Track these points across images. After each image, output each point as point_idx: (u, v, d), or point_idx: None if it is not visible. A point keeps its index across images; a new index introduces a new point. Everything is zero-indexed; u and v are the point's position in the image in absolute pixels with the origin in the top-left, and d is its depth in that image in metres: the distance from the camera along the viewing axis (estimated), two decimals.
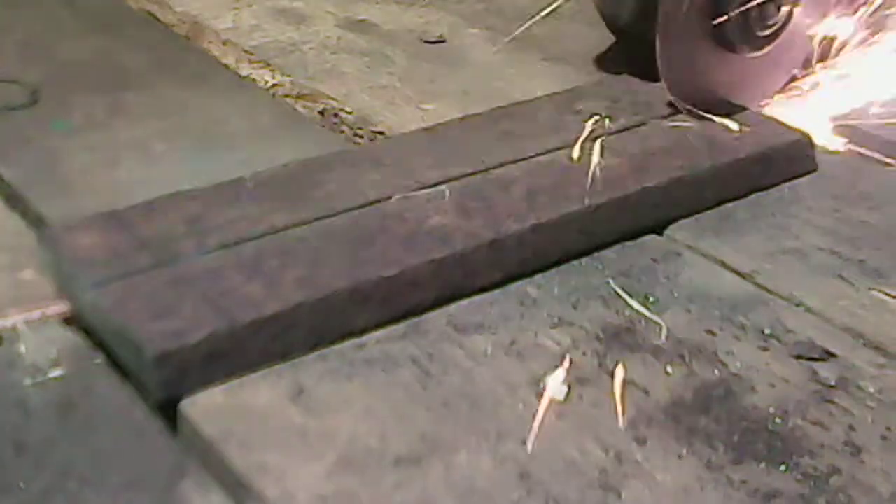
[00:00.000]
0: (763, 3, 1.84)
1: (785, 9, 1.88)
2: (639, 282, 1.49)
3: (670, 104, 1.84)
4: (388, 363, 1.30)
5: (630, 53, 2.00)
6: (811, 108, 1.99)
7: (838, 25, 1.99)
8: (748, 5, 1.81)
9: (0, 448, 1.15)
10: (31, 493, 1.10)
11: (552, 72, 2.16)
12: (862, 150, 1.87)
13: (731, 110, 1.85)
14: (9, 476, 1.12)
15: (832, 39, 1.99)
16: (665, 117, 1.84)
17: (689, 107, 1.82)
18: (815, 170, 1.80)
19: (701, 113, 1.81)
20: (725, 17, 1.81)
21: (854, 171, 1.82)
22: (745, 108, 1.87)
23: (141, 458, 1.15)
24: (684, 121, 1.81)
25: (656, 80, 1.84)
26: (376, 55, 2.23)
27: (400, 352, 1.32)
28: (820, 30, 1.96)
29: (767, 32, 1.89)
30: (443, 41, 2.31)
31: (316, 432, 1.18)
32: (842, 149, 1.89)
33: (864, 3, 2.01)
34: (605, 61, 2.19)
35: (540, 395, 1.26)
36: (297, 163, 1.64)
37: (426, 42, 2.30)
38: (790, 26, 1.91)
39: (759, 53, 1.90)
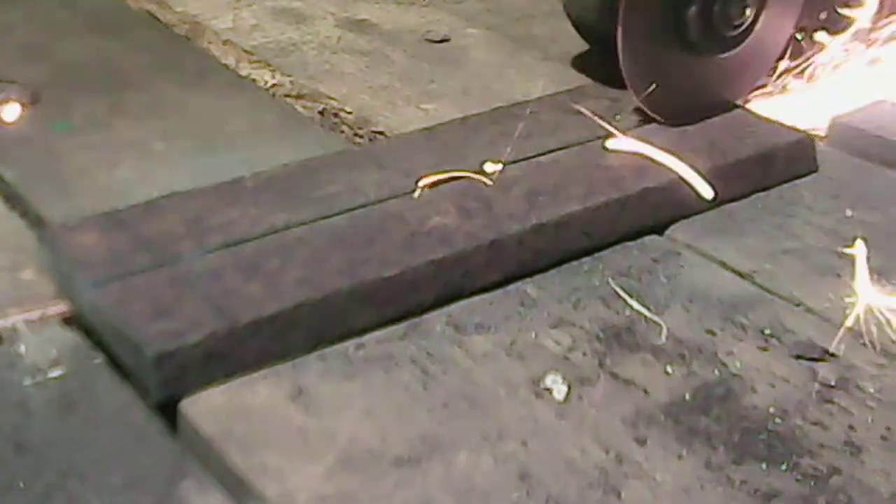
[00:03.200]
0: (725, 3, 1.79)
1: (750, 10, 1.83)
2: (639, 282, 1.49)
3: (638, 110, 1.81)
4: (388, 363, 1.30)
5: (599, 55, 1.96)
6: (811, 109, 1.99)
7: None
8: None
9: (0, 448, 1.15)
10: (31, 493, 1.10)
11: (552, 72, 2.16)
12: (862, 150, 1.87)
13: (706, 113, 1.83)
14: (9, 476, 1.12)
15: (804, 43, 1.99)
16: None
17: (655, 116, 1.79)
18: (815, 170, 1.80)
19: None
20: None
21: (854, 171, 1.82)
22: (721, 109, 1.85)
23: (141, 458, 1.15)
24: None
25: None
26: (376, 55, 2.23)
27: (400, 352, 1.32)
28: (792, 32, 1.93)
29: (734, 33, 1.84)
30: (447, 41, 2.31)
31: (316, 432, 1.18)
32: (841, 148, 1.89)
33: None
34: (605, 61, 2.19)
35: (540, 395, 1.26)
36: (297, 163, 1.65)
37: (430, 42, 2.30)
38: (759, 27, 1.86)
39: (727, 55, 1.85)
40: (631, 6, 1.71)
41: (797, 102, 1.99)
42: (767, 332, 1.40)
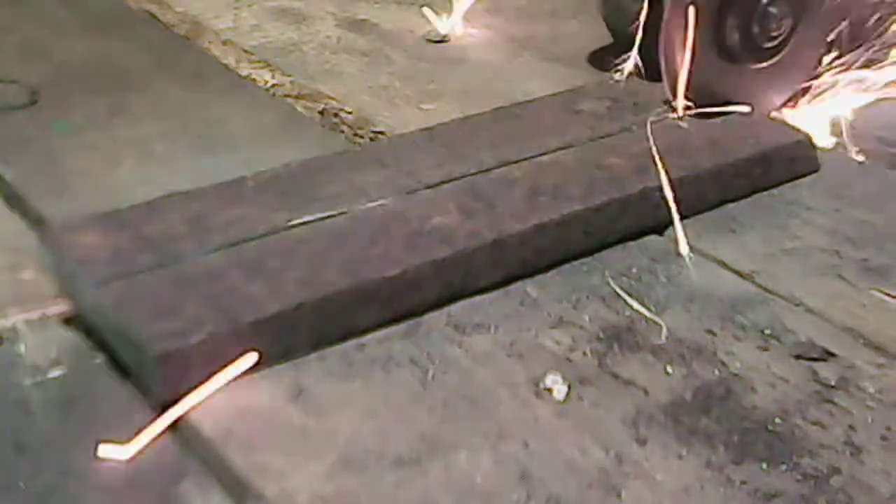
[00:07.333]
0: (764, 15, 1.84)
1: (787, 21, 1.88)
2: (639, 282, 1.49)
3: (667, 102, 1.84)
4: (389, 363, 1.30)
5: (637, 63, 2.00)
6: (813, 109, 1.99)
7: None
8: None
9: (0, 448, 1.15)
10: (31, 493, 1.10)
11: (552, 72, 2.16)
12: (861, 150, 1.87)
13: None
14: (9, 476, 1.12)
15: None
16: (665, 117, 1.84)
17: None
18: (816, 170, 1.80)
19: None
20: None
21: (854, 171, 1.82)
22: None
23: (141, 458, 1.15)
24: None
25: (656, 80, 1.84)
26: (376, 55, 2.23)
27: (400, 352, 1.32)
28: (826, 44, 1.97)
29: (771, 45, 1.89)
30: (447, 41, 2.31)
31: (316, 432, 1.18)
32: (841, 149, 1.89)
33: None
34: (605, 61, 2.19)
35: (540, 395, 1.26)
36: (297, 163, 1.65)
37: (430, 42, 2.31)
38: (795, 39, 1.91)
39: (763, 65, 1.90)
40: (672, 14, 1.77)
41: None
42: (767, 332, 1.40)
